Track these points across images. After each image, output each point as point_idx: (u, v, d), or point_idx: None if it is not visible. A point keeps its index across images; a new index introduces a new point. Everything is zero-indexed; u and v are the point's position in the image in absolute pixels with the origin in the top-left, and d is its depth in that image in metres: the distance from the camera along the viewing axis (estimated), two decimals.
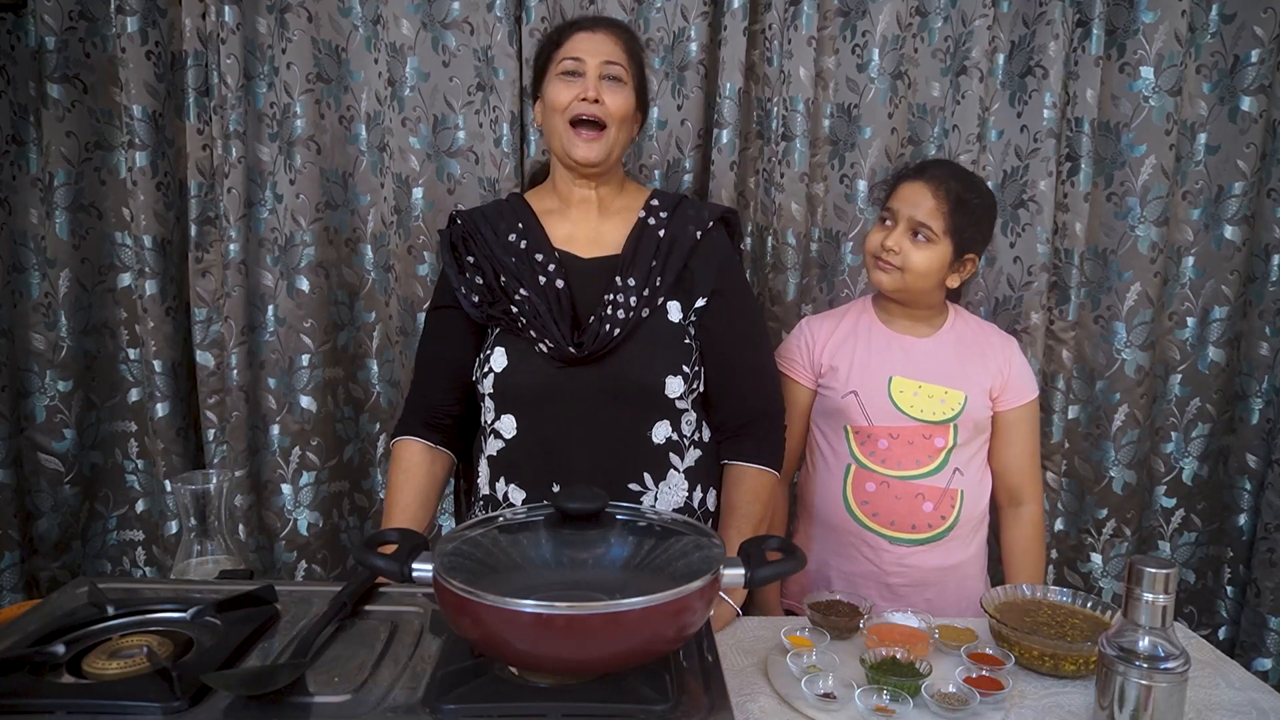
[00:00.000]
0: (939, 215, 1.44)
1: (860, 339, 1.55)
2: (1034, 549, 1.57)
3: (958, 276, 1.51)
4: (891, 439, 1.49)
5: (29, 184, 1.73)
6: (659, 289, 1.35)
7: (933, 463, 1.49)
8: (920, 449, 1.49)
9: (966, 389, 1.49)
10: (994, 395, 1.52)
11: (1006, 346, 1.56)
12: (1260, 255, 1.86)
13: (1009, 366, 1.53)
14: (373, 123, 1.81)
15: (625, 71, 1.38)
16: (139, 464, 1.87)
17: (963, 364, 1.51)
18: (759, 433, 1.42)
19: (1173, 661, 0.90)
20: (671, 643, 0.81)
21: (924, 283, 1.48)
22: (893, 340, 1.54)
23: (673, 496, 1.35)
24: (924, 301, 1.53)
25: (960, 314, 1.59)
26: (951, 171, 1.50)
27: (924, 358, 1.52)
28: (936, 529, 1.48)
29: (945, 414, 1.48)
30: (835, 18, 1.80)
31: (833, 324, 1.58)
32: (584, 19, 1.43)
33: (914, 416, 1.49)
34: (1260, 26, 1.76)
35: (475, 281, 1.38)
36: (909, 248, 1.45)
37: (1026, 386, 1.55)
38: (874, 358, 1.52)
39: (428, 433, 1.42)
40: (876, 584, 1.48)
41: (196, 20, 1.67)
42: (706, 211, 1.44)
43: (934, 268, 1.46)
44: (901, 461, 1.49)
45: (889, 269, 1.47)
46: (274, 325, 1.79)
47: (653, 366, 1.33)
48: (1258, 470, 1.90)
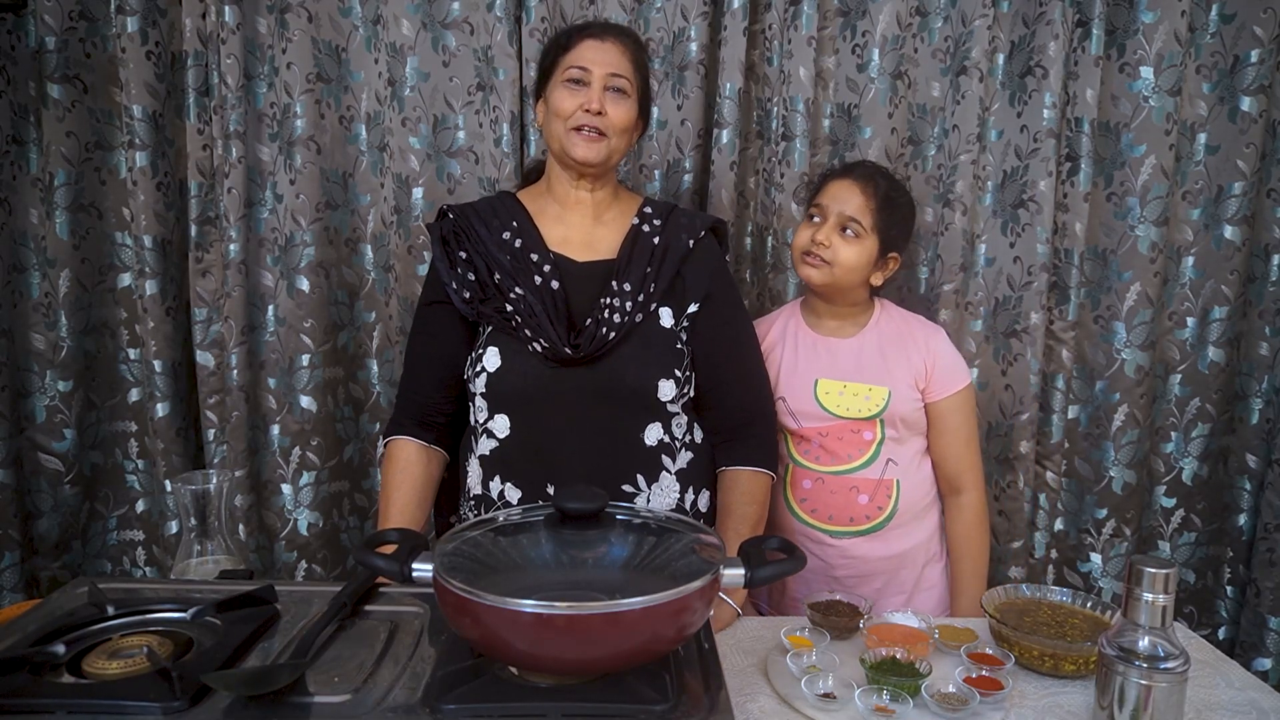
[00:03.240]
0: (867, 211, 1.50)
1: (788, 344, 1.60)
2: (975, 536, 1.58)
3: (881, 274, 1.56)
4: (821, 437, 1.54)
5: (29, 184, 1.73)
6: (653, 295, 1.37)
7: (864, 455, 1.53)
8: (850, 443, 1.53)
9: (890, 384, 1.53)
10: (920, 387, 1.55)
11: (931, 338, 1.58)
12: (1260, 255, 1.86)
13: (933, 357, 1.56)
14: (373, 123, 1.81)
15: (630, 84, 1.38)
16: (139, 464, 1.87)
17: (885, 360, 1.55)
18: (752, 436, 1.44)
19: (1173, 661, 0.90)
20: (671, 642, 0.82)
21: (851, 277, 1.52)
22: (818, 343, 1.59)
23: (665, 498, 1.36)
24: (849, 298, 1.57)
25: (885, 309, 1.62)
26: (879, 171, 1.57)
27: (848, 357, 1.56)
28: (875, 519, 1.52)
29: (870, 410, 1.52)
30: (835, 18, 1.80)
31: (763, 331, 1.62)
32: (593, 26, 1.43)
33: (840, 415, 1.53)
34: (1260, 26, 1.76)
35: (467, 277, 1.39)
36: (838, 243, 1.50)
37: (954, 376, 1.57)
38: (800, 362, 1.57)
39: (421, 431, 1.43)
40: (825, 578, 1.52)
41: (196, 20, 1.67)
42: (698, 220, 1.46)
43: (861, 263, 1.51)
44: (835, 456, 1.53)
45: (818, 264, 1.51)
46: (274, 325, 1.79)
47: (646, 370, 1.34)
48: (1258, 470, 1.90)
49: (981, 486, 1.61)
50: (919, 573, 1.56)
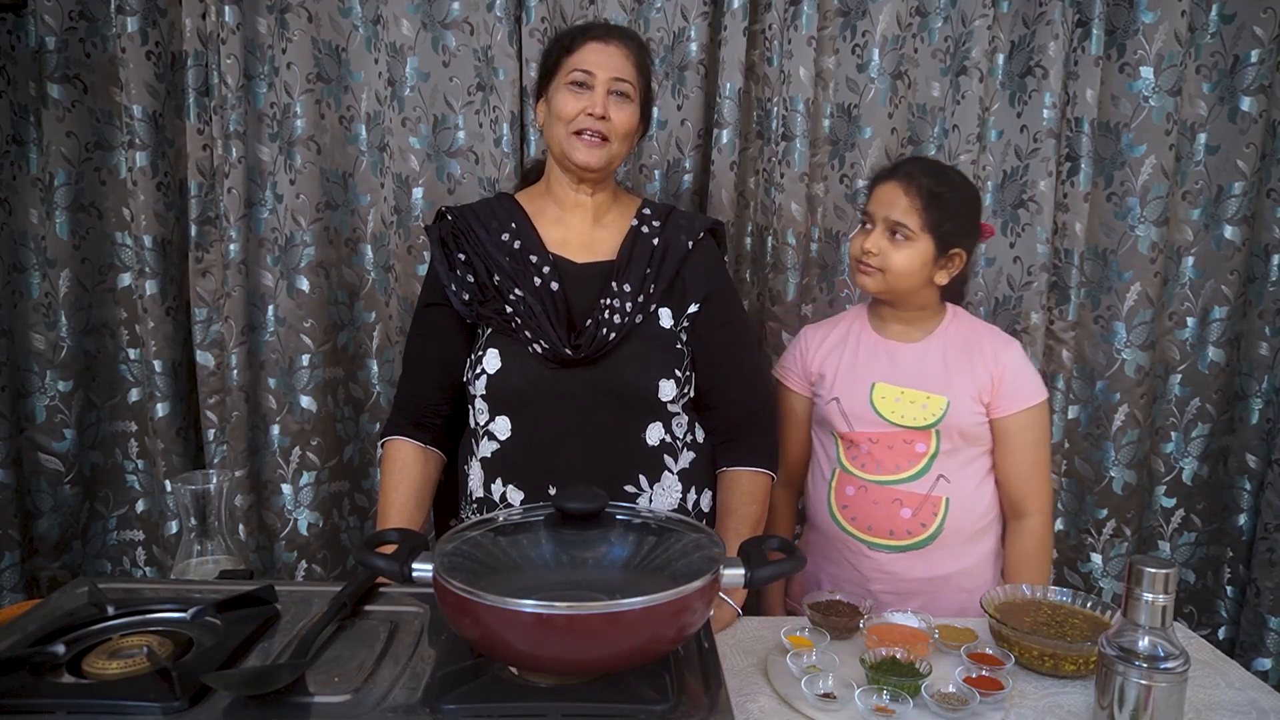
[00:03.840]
0: (913, 212, 1.42)
1: (849, 346, 1.54)
2: (1034, 563, 1.49)
3: (945, 273, 1.47)
4: (872, 443, 1.48)
5: (29, 184, 1.73)
6: (652, 296, 1.37)
7: (913, 468, 1.46)
8: (900, 453, 1.46)
9: (949, 394, 1.45)
10: (985, 401, 1.47)
11: (1002, 350, 1.49)
12: (1260, 255, 1.86)
13: (1000, 370, 1.47)
14: (373, 123, 1.81)
15: (633, 88, 1.37)
16: (139, 464, 1.87)
17: (949, 369, 1.47)
18: (752, 436, 1.43)
19: (1172, 661, 0.90)
20: (671, 643, 0.82)
21: (906, 282, 1.45)
22: (880, 346, 1.52)
23: (667, 498, 1.36)
24: (914, 302, 1.50)
25: (957, 316, 1.55)
26: (923, 168, 1.48)
27: (909, 363, 1.49)
28: (916, 536, 1.45)
29: (926, 419, 1.45)
30: (835, 18, 1.80)
31: (826, 331, 1.58)
32: (597, 27, 1.42)
33: (894, 422, 1.46)
34: (1260, 26, 1.76)
35: (466, 279, 1.38)
36: (888, 248, 1.44)
37: (1023, 391, 1.47)
38: (859, 364, 1.51)
39: (418, 433, 1.42)
40: (860, 590, 1.44)
41: (196, 20, 1.67)
42: (697, 222, 1.46)
43: (914, 266, 1.44)
44: (881, 465, 1.47)
45: (870, 271, 1.46)
46: (274, 325, 1.79)
47: (647, 370, 1.34)
48: (1258, 470, 1.90)
49: (1048, 512, 1.50)
50: (962, 600, 1.44)
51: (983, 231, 1.53)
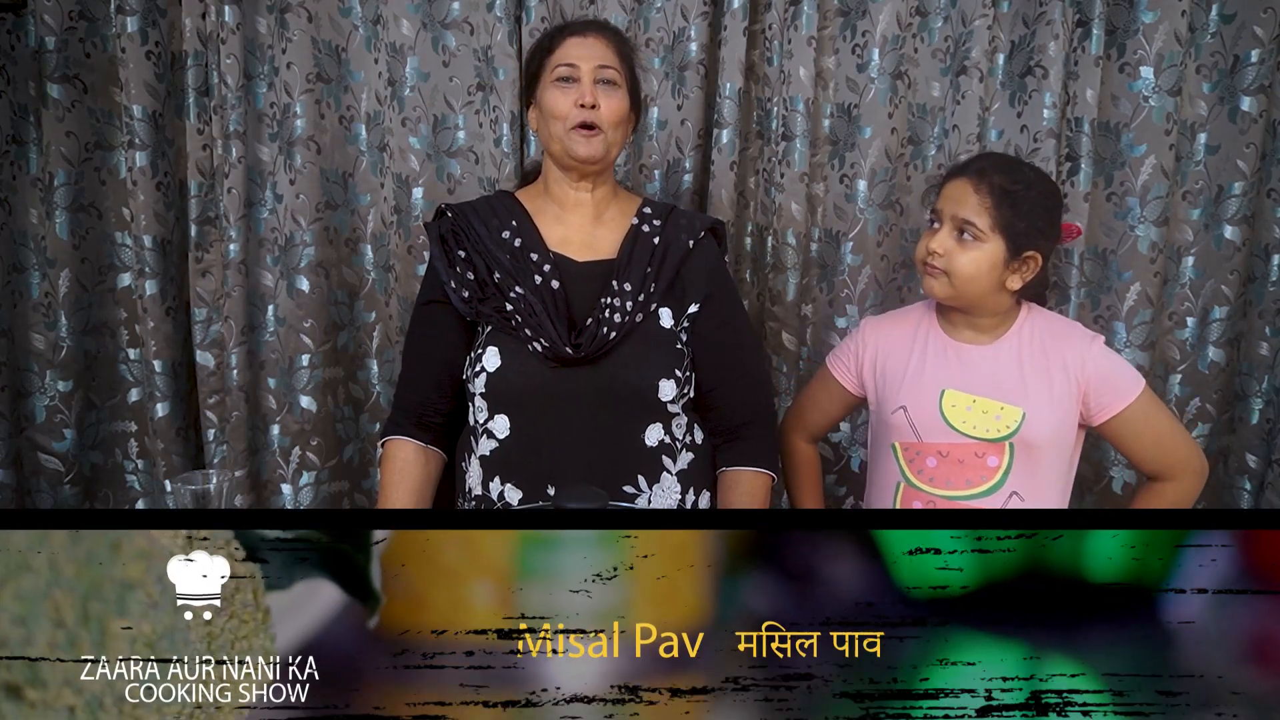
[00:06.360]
0: (983, 211, 1.32)
1: (916, 347, 1.44)
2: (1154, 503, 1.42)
3: (1018, 277, 1.36)
4: (940, 457, 1.39)
5: (29, 184, 1.73)
6: (653, 295, 1.37)
7: (985, 484, 1.38)
8: (971, 468, 1.37)
9: (1025, 405, 1.35)
10: (1078, 410, 1.38)
11: (1086, 352, 1.38)
12: (1260, 255, 1.86)
13: (1087, 376, 1.37)
14: (373, 123, 1.81)
15: (619, 75, 1.38)
16: (139, 464, 1.87)
17: (1024, 376, 1.37)
18: (753, 436, 1.43)
19: None
20: None
21: (974, 287, 1.35)
22: (949, 348, 1.42)
23: (666, 499, 1.36)
24: (987, 308, 1.40)
25: (1033, 314, 1.44)
26: (996, 163, 1.38)
27: (981, 368, 1.39)
28: None
29: (1000, 431, 1.36)
30: (835, 18, 1.80)
31: (890, 327, 1.50)
32: (574, 23, 1.43)
33: (966, 433, 1.38)
34: (1260, 26, 1.76)
35: (466, 277, 1.38)
36: (954, 249, 1.34)
37: (1121, 388, 1.38)
38: (928, 368, 1.42)
39: (418, 432, 1.43)
40: None
41: (196, 20, 1.67)
42: (698, 221, 1.46)
43: (983, 269, 1.33)
44: (950, 481, 1.39)
45: (936, 274, 1.36)
46: (274, 325, 1.79)
47: (647, 370, 1.34)
48: (1258, 470, 1.90)
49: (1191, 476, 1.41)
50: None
51: (1066, 232, 1.45)
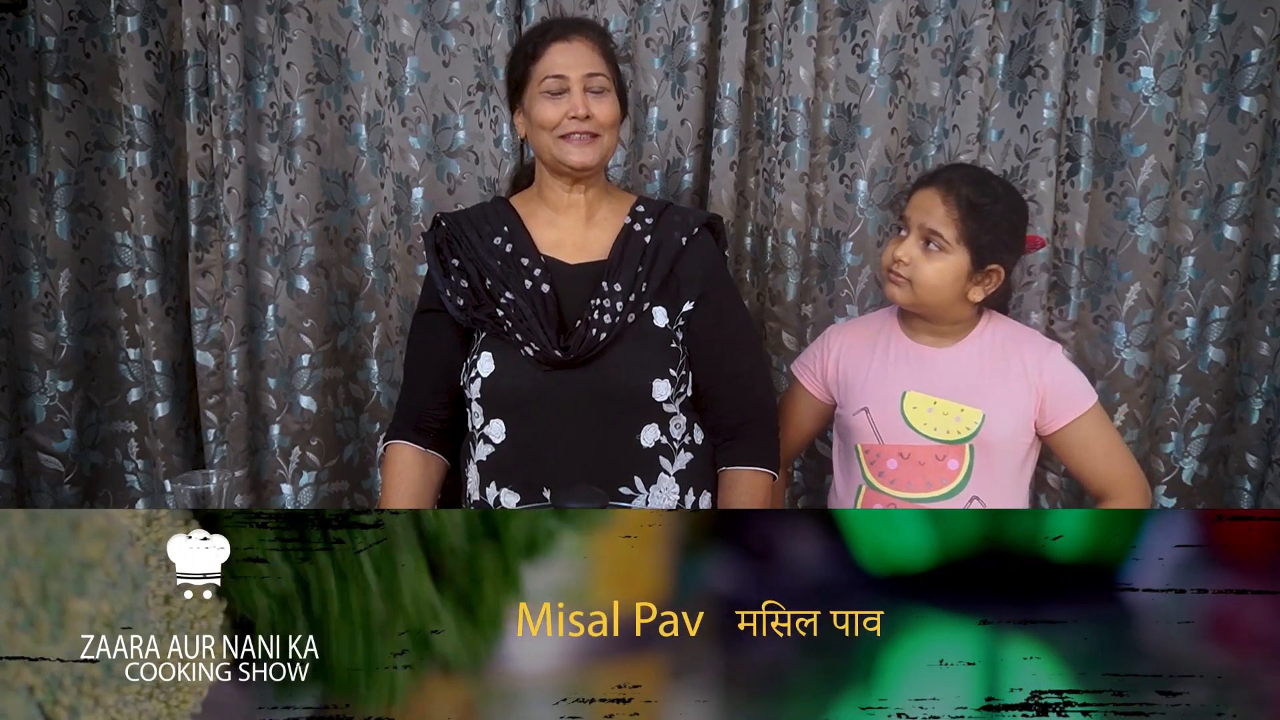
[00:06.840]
0: (950, 222, 1.36)
1: (878, 350, 1.48)
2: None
3: (980, 289, 1.40)
4: (901, 459, 1.42)
5: (29, 184, 1.73)
6: (644, 294, 1.36)
7: (945, 486, 1.40)
8: (932, 471, 1.40)
9: (985, 407, 1.38)
10: (1032, 417, 1.40)
11: (1043, 359, 1.42)
12: (1260, 255, 1.86)
13: (1044, 384, 1.40)
14: (373, 123, 1.81)
15: (607, 79, 1.37)
16: (139, 464, 1.87)
17: (984, 378, 1.40)
18: (752, 435, 1.43)
19: None
20: None
21: (936, 297, 1.39)
22: (910, 350, 1.46)
23: (664, 500, 1.36)
24: (947, 317, 1.44)
25: (993, 320, 1.48)
26: (965, 175, 1.41)
27: (941, 370, 1.43)
28: None
29: (960, 433, 1.39)
30: (835, 18, 1.80)
31: (853, 334, 1.53)
32: (555, 26, 1.40)
33: (927, 435, 1.41)
34: (1260, 26, 1.76)
35: (460, 285, 1.39)
36: (919, 259, 1.37)
37: (1074, 399, 1.41)
38: (889, 370, 1.45)
39: (417, 436, 1.43)
40: None
41: (196, 20, 1.67)
42: (692, 218, 1.44)
43: (946, 280, 1.37)
44: (911, 483, 1.41)
45: (900, 281, 1.40)
46: (274, 325, 1.79)
47: (639, 370, 1.33)
48: (1258, 470, 1.90)
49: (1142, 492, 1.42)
50: None
51: (1030, 244, 1.47)
